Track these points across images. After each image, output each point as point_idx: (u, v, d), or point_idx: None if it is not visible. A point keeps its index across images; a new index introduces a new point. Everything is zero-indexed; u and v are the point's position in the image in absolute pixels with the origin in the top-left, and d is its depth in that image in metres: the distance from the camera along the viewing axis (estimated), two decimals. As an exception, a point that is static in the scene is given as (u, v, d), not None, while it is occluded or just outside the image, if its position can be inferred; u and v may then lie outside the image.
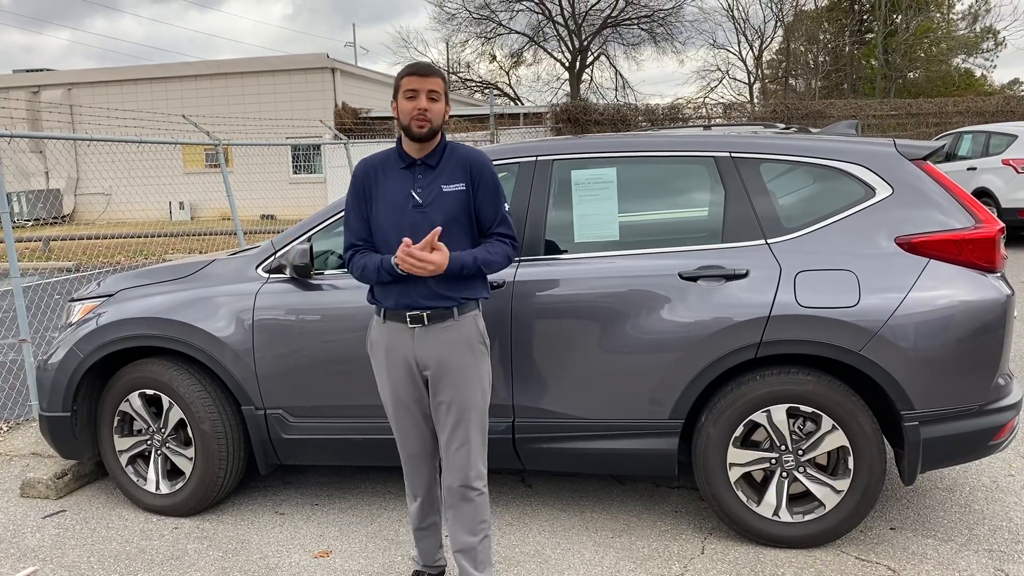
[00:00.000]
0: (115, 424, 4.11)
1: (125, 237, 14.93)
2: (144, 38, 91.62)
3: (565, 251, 3.66)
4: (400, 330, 2.93)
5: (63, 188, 25.64)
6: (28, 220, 21.95)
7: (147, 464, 4.13)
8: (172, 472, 4.10)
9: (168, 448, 4.05)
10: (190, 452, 3.99)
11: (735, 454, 3.49)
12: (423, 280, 2.84)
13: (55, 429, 4.16)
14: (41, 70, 28.52)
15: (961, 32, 36.49)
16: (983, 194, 12.61)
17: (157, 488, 4.07)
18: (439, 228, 2.72)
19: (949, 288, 3.34)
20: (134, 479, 4.12)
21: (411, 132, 2.82)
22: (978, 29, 36.12)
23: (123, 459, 4.13)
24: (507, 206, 2.99)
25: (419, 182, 2.88)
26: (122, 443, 4.12)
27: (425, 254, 2.70)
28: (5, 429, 5.38)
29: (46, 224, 22.13)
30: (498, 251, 2.93)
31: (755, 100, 35.65)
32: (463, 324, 2.93)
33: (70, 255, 14.45)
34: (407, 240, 2.72)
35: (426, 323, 2.89)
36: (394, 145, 2.97)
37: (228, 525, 3.97)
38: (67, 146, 24.81)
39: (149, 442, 4.09)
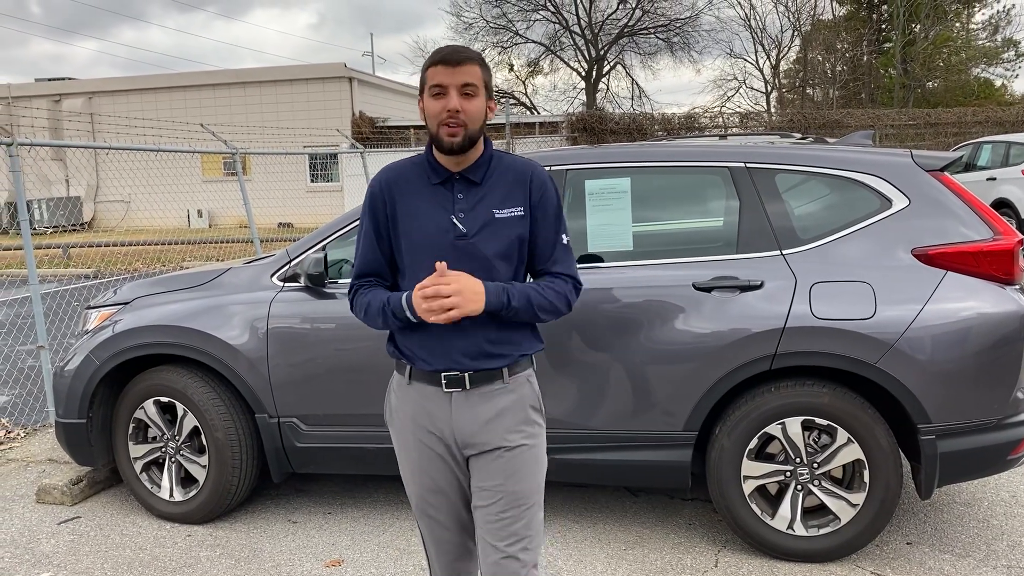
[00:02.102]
0: (130, 431, 4.13)
1: (143, 244, 15.03)
2: (169, 48, 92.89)
3: (578, 261, 3.66)
4: (432, 396, 2.23)
5: (83, 195, 25.89)
6: (48, 227, 22.19)
7: (161, 471, 4.15)
8: (186, 479, 4.12)
9: (182, 455, 4.07)
10: (204, 460, 4.00)
11: (749, 466, 3.47)
12: (466, 329, 2.16)
13: (71, 435, 4.18)
14: (62, 79, 28.84)
15: (981, 42, 36.24)
16: (1003, 205, 12.51)
17: (171, 495, 4.09)
18: (443, 264, 2.05)
19: (967, 300, 3.30)
20: (148, 486, 4.14)
21: (441, 143, 2.12)
22: (999, 39, 35.86)
23: (137, 466, 4.15)
24: (567, 237, 2.33)
25: (460, 204, 2.17)
26: (137, 450, 4.14)
27: (444, 281, 2.03)
28: (22, 435, 5.43)
29: (66, 231, 22.35)
30: (556, 291, 2.22)
31: (772, 109, 35.53)
32: (516, 388, 2.24)
33: (89, 262, 14.58)
34: (441, 266, 2.05)
35: (468, 387, 2.20)
36: (422, 151, 2.26)
37: (241, 533, 3.97)
38: (87, 154, 25.05)
39: (163, 449, 4.11)
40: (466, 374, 2.18)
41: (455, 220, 2.17)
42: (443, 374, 2.19)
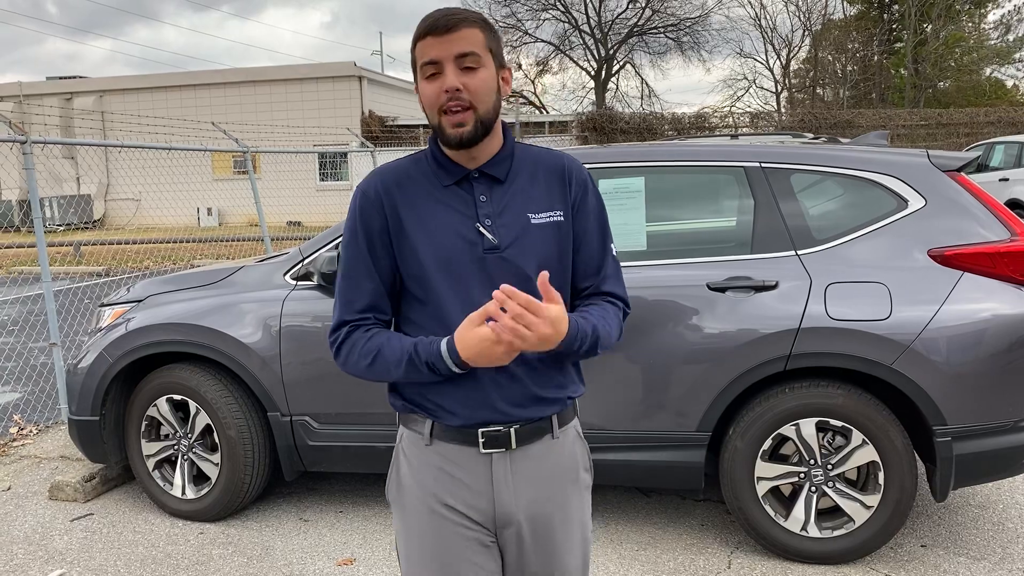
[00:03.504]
0: (143, 429, 4.14)
1: (154, 242, 15.10)
2: (183, 48, 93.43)
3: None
4: (463, 460, 1.72)
5: (94, 193, 26.03)
6: (60, 225, 22.31)
7: (174, 469, 4.15)
8: (198, 477, 4.12)
9: (194, 453, 4.08)
10: (216, 458, 4.01)
11: (763, 468, 3.45)
12: (508, 371, 1.68)
13: (83, 433, 4.20)
14: (74, 77, 28.99)
15: (993, 42, 36.04)
16: (1016, 205, 12.45)
17: (183, 493, 4.09)
18: (546, 273, 1.54)
19: (983, 302, 3.28)
20: (160, 484, 4.15)
21: (446, 135, 1.65)
22: (1011, 39, 35.67)
23: (150, 464, 4.16)
24: (615, 247, 1.88)
25: (485, 208, 1.70)
26: (149, 448, 4.15)
27: (542, 308, 1.51)
28: (35, 432, 5.45)
29: (77, 229, 22.46)
30: (613, 320, 1.76)
31: (782, 109, 35.43)
32: (565, 445, 1.79)
33: (100, 260, 14.64)
34: (506, 288, 1.50)
35: (514, 446, 1.72)
36: (422, 150, 1.80)
37: (253, 531, 3.98)
38: (98, 152, 25.18)
39: (176, 447, 4.12)
40: (511, 428, 1.70)
41: (482, 229, 1.68)
42: (480, 430, 1.69)
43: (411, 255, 1.69)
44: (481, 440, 1.70)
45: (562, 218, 1.74)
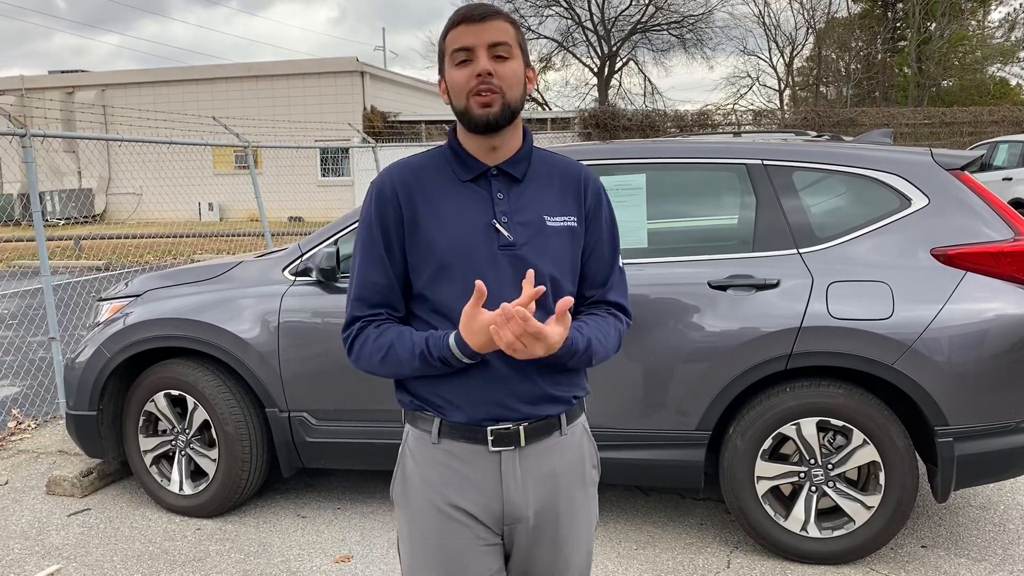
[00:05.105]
0: (140, 424, 4.13)
1: (155, 237, 15.10)
2: (190, 43, 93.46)
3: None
4: (471, 458, 1.72)
5: (95, 188, 26.01)
6: (60, 219, 22.30)
7: (171, 464, 4.14)
8: (196, 473, 4.11)
9: (192, 449, 4.06)
10: (214, 453, 3.99)
11: (763, 467, 3.43)
12: (517, 365, 1.68)
13: (81, 427, 4.18)
14: (75, 71, 28.96)
15: (997, 40, 35.96)
16: (1019, 205, 12.42)
17: (181, 489, 4.08)
18: (541, 288, 1.55)
19: (986, 301, 3.26)
20: (158, 479, 4.13)
21: (472, 117, 1.66)
22: (1014, 37, 35.58)
23: (147, 459, 4.14)
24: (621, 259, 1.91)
25: (502, 205, 1.72)
26: (147, 443, 4.13)
27: (540, 325, 1.53)
28: (33, 426, 5.44)
29: (78, 223, 22.45)
30: (612, 333, 1.79)
31: (785, 107, 35.36)
32: (573, 442, 1.81)
33: (100, 254, 14.63)
34: (520, 312, 1.51)
35: (523, 443, 1.73)
36: (439, 145, 1.82)
37: (250, 527, 3.96)
38: (99, 146, 25.19)
39: (173, 442, 4.10)
40: (521, 426, 1.71)
41: (498, 225, 1.70)
42: (489, 427, 1.70)
43: (426, 248, 1.70)
44: (490, 438, 1.70)
45: (575, 224, 1.77)
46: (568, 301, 1.56)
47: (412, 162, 1.77)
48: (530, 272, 1.57)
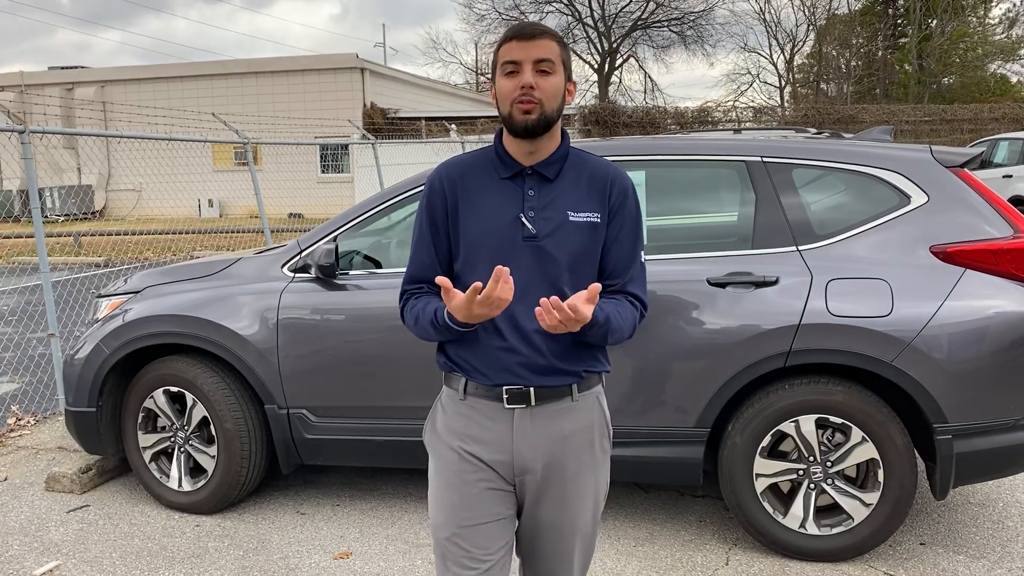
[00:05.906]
0: (139, 420, 4.13)
1: (154, 233, 15.08)
2: (192, 40, 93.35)
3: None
4: (490, 413, 1.99)
5: (94, 184, 25.98)
6: (60, 215, 22.27)
7: (170, 461, 4.14)
8: (195, 470, 4.11)
9: (191, 446, 4.06)
10: (213, 450, 3.99)
11: (762, 464, 3.43)
12: (532, 342, 1.95)
13: (80, 424, 4.18)
14: (75, 67, 28.91)
15: (998, 37, 35.93)
16: (1019, 202, 12.41)
17: (180, 485, 4.08)
18: (598, 285, 1.79)
19: (986, 299, 3.25)
20: (157, 476, 4.13)
21: (513, 122, 1.91)
22: (1015, 34, 35.55)
23: (146, 455, 4.14)
24: (644, 256, 2.10)
25: (531, 201, 1.96)
26: (146, 440, 4.14)
27: (580, 310, 1.76)
28: (32, 422, 5.44)
29: (77, 219, 22.42)
30: (628, 317, 2.00)
31: (786, 104, 35.34)
32: (584, 408, 2.04)
33: (100, 251, 14.62)
34: (555, 302, 1.73)
35: (533, 403, 1.98)
36: (490, 144, 2.08)
37: (249, 524, 3.97)
38: (99, 142, 25.12)
39: (172, 439, 4.10)
40: (531, 389, 1.96)
41: (524, 219, 1.94)
42: (504, 387, 1.96)
43: (463, 236, 1.99)
44: (505, 397, 1.97)
45: (599, 219, 1.98)
46: (598, 287, 1.77)
47: (463, 159, 2.06)
48: (594, 286, 1.78)
